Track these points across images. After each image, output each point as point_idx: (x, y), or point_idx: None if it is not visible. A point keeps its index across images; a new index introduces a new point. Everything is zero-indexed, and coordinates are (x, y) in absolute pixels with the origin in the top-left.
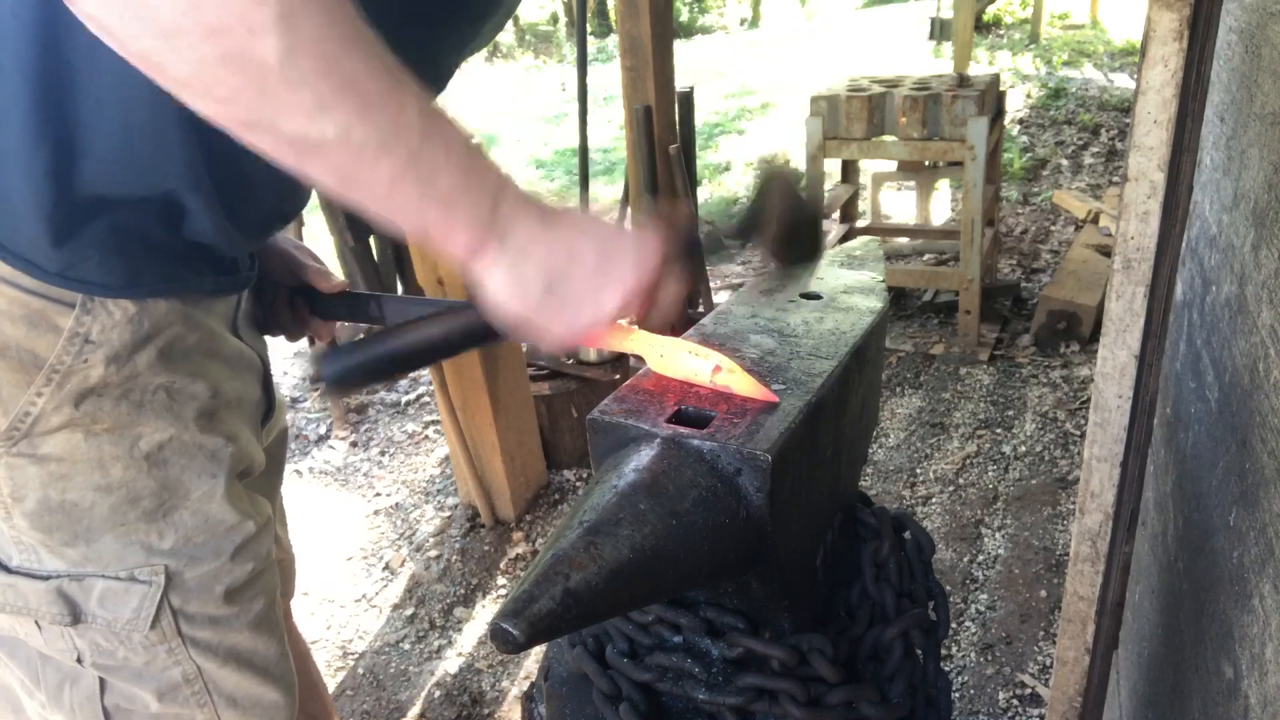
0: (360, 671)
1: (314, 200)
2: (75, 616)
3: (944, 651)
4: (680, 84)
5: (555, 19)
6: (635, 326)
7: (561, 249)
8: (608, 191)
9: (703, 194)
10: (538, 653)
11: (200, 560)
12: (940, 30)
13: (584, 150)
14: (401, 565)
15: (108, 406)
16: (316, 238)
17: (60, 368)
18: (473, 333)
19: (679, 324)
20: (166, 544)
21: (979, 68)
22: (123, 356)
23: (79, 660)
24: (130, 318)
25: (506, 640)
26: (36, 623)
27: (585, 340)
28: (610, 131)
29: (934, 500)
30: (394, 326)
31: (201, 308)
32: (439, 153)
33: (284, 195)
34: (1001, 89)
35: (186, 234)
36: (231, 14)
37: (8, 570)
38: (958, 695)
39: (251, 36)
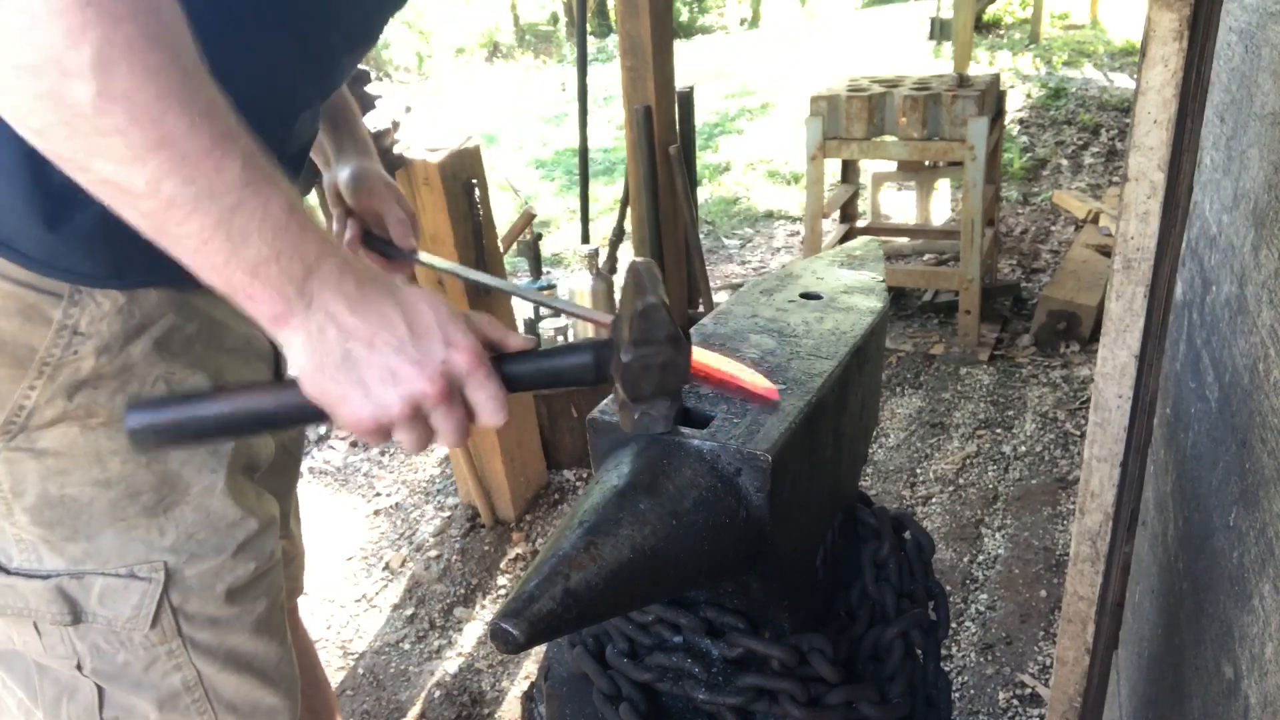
0: (360, 671)
1: (313, 200)
2: (76, 616)
3: (944, 651)
4: (680, 84)
5: (555, 19)
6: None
7: (371, 319)
8: (608, 192)
9: (703, 194)
10: (538, 653)
11: (201, 557)
12: (940, 30)
13: (584, 150)
14: (401, 565)
15: (103, 399)
16: None
17: (51, 360)
18: (305, 410)
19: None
20: (167, 540)
21: (979, 68)
22: (114, 347)
23: (79, 667)
24: (120, 308)
25: (506, 640)
26: (36, 626)
27: (376, 437)
28: (610, 131)
29: (934, 500)
30: (221, 388)
31: (201, 295)
32: (254, 217)
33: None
34: (1001, 89)
35: None
36: (46, 55)
37: (7, 571)
38: (958, 695)
39: (64, 79)
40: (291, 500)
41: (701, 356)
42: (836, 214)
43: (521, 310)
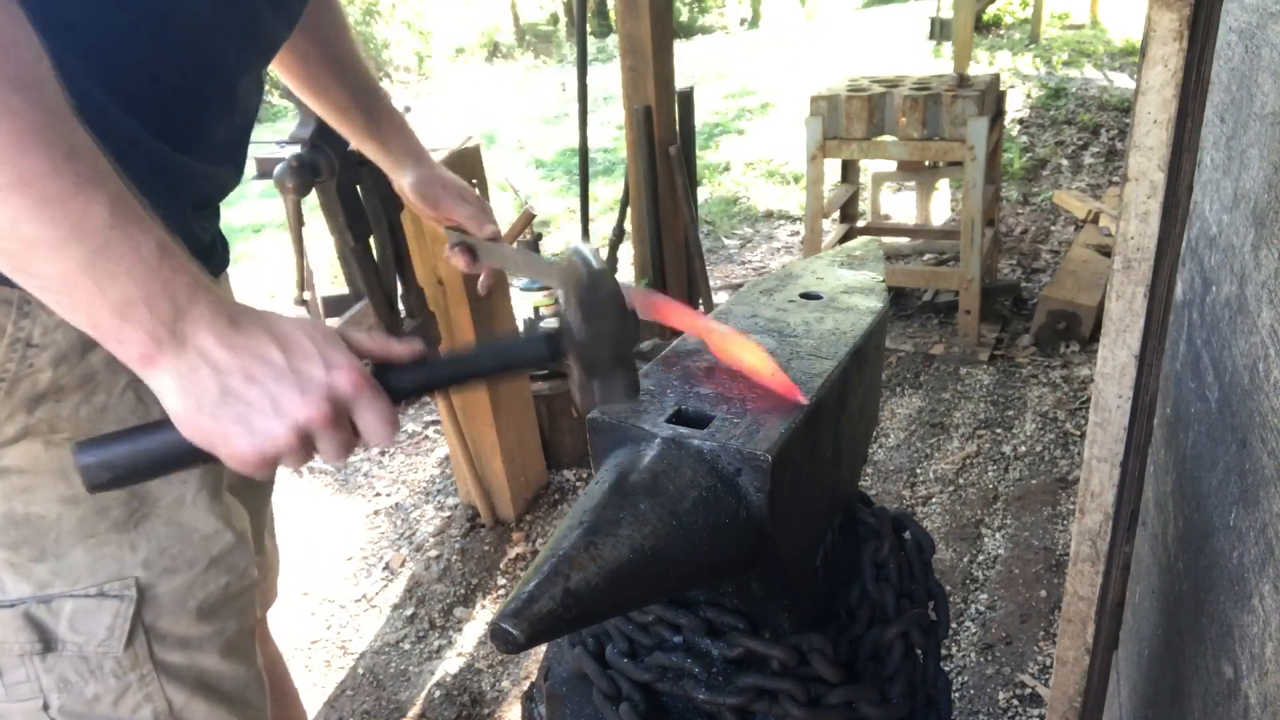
0: (360, 671)
1: (313, 200)
2: (46, 644)
3: (944, 651)
4: (680, 84)
5: (555, 19)
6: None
7: (247, 354)
8: (608, 191)
9: (703, 194)
10: (538, 653)
11: (174, 571)
12: (940, 30)
13: (584, 150)
14: (401, 565)
15: (66, 412)
16: (316, 237)
17: (6, 375)
18: (186, 452)
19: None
20: (139, 555)
21: (979, 68)
22: (71, 357)
23: (45, 708)
24: None
25: (507, 640)
26: None
27: (262, 469)
28: (610, 131)
29: (934, 500)
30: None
31: None
32: (123, 259)
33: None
34: (1001, 89)
35: None
36: None
37: None
38: (958, 695)
39: None
40: (265, 516)
41: (733, 346)
42: (836, 214)
43: (521, 310)
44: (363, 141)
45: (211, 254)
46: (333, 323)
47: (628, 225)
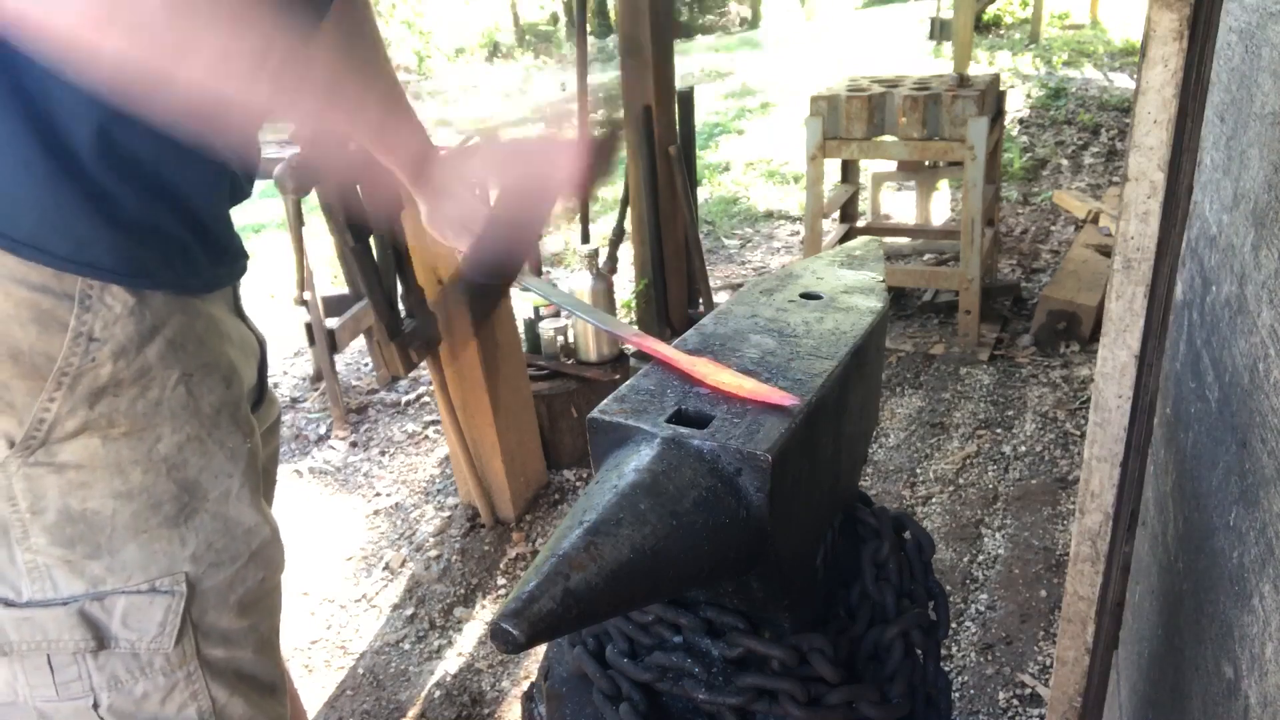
0: (360, 671)
1: (313, 200)
2: (100, 641)
3: (944, 651)
4: (680, 84)
5: (555, 19)
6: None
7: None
8: (608, 191)
9: (703, 194)
10: (538, 653)
11: (219, 566)
12: (940, 30)
13: None
14: (401, 565)
15: (123, 407)
16: (316, 237)
17: (69, 370)
18: None
19: (681, 324)
20: (188, 549)
21: (979, 68)
22: (130, 351)
23: (95, 706)
24: (130, 310)
25: (507, 640)
26: (50, 661)
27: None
28: None
29: (934, 500)
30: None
31: (199, 296)
32: (399, 130)
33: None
34: (1001, 89)
35: (184, 215)
36: None
37: (16, 605)
38: (958, 695)
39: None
40: None
41: (714, 376)
42: (836, 214)
43: (521, 310)
44: (380, 152)
45: (241, 254)
46: (331, 323)
47: (628, 225)
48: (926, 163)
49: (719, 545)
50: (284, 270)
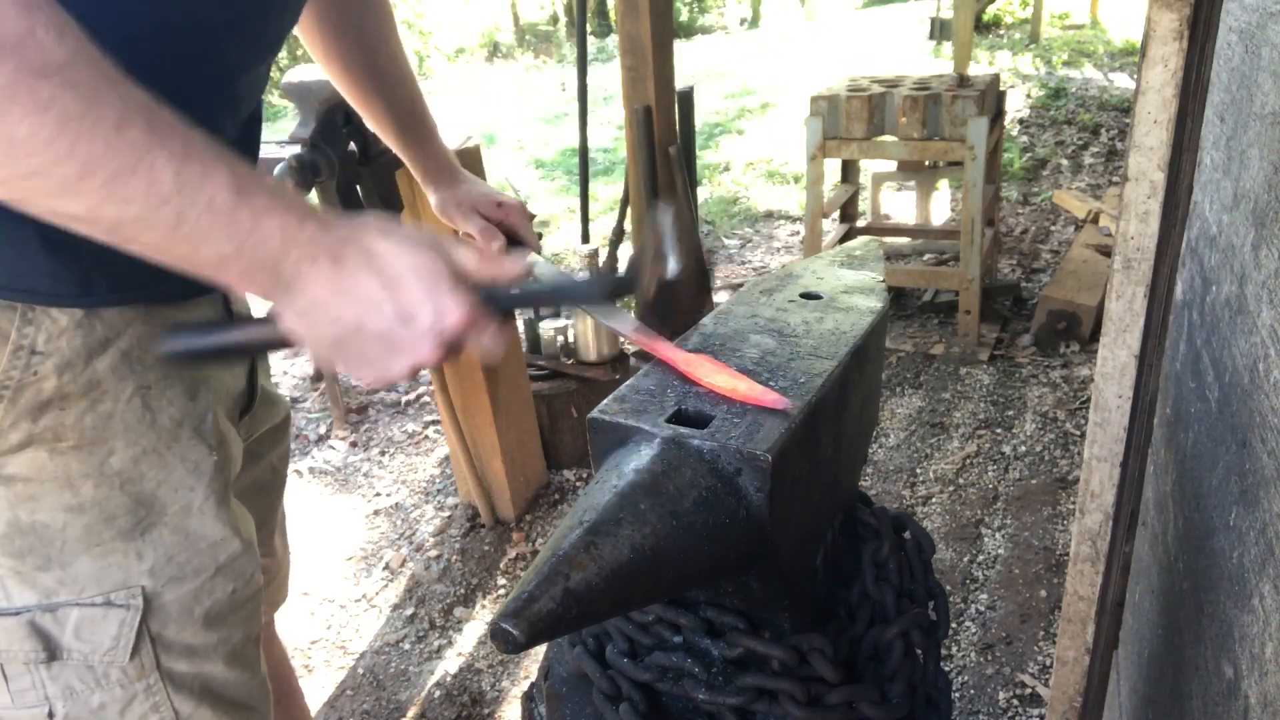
0: (360, 671)
1: (312, 196)
2: (51, 652)
3: (944, 651)
4: (680, 84)
5: (555, 19)
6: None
7: (353, 301)
8: (608, 191)
9: (703, 194)
10: (538, 653)
11: (180, 580)
12: (940, 30)
13: (584, 150)
14: (401, 565)
15: (70, 420)
16: None
17: (9, 383)
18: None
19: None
20: (145, 564)
21: (979, 68)
22: (77, 364)
23: (50, 715)
24: (78, 322)
25: (507, 640)
26: (3, 671)
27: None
28: (610, 131)
29: (934, 500)
30: (245, 319)
31: (174, 304)
32: (201, 219)
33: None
34: (1001, 89)
35: None
36: None
37: None
38: (958, 695)
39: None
40: (277, 517)
41: (708, 376)
42: (836, 214)
43: (520, 310)
44: (397, 151)
45: None
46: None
47: (628, 225)
48: (926, 163)
49: (719, 545)
50: None
